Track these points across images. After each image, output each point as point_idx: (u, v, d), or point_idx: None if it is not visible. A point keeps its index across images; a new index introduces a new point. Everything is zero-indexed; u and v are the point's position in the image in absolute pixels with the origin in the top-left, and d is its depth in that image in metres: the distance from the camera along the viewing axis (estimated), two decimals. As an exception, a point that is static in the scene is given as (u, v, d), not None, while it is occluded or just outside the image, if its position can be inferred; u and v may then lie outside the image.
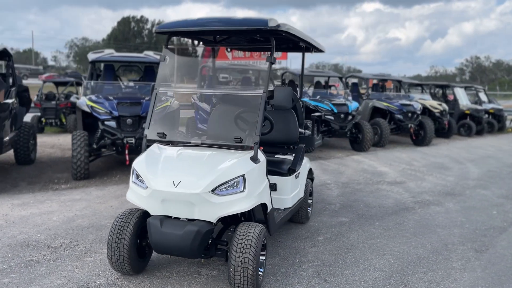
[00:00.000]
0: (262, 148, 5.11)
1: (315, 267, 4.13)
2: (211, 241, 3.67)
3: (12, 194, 6.30)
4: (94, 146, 7.51)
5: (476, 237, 5.16)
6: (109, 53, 8.69)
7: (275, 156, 5.03)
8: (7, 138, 7.42)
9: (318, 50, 5.68)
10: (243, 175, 3.51)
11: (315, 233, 5.05)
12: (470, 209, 6.31)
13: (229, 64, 11.66)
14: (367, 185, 7.56)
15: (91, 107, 7.43)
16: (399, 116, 12.94)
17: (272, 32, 3.87)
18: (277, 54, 27.83)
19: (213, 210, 3.48)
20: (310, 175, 5.58)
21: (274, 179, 4.56)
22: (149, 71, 9.36)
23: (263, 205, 3.81)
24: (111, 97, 7.69)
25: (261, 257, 3.68)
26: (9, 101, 7.54)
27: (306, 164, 5.27)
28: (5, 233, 4.73)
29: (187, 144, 3.89)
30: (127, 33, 76.69)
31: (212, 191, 3.44)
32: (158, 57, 9.06)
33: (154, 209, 3.63)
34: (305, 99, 11.53)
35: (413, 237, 5.04)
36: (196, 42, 5.07)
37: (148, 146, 3.95)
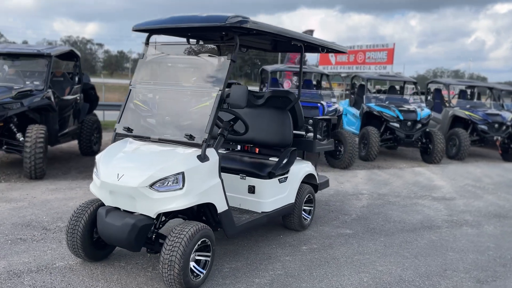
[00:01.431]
0: (257, 150, 5.05)
1: (274, 276, 3.92)
2: (155, 236, 3.71)
3: (55, 180, 6.97)
4: None
5: (491, 266, 4.45)
6: None
7: (269, 158, 4.88)
8: (67, 130, 8.25)
9: (331, 50, 5.39)
10: (183, 173, 3.48)
11: (303, 242, 4.79)
12: (509, 235, 5.45)
13: (286, 67, 11.49)
14: (405, 199, 6.94)
15: None
16: (483, 127, 11.61)
17: (236, 29, 3.78)
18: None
19: (151, 205, 3.51)
20: (312, 181, 5.30)
21: (253, 181, 4.44)
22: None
23: (213, 206, 3.73)
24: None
25: (204, 258, 3.62)
26: (70, 97, 8.37)
27: (302, 168, 5.02)
28: (19, 212, 5.27)
29: (147, 139, 3.96)
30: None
31: (151, 186, 3.47)
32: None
33: (106, 200, 3.79)
34: (371, 104, 10.96)
35: (411, 258, 4.51)
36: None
37: (117, 139, 4.11)
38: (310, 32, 23.95)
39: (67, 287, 3.54)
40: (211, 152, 3.71)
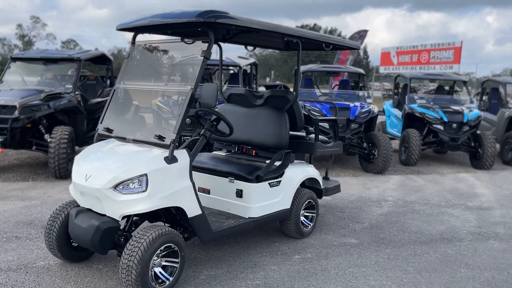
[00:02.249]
0: (254, 152, 4.83)
1: (250, 287, 3.68)
2: (125, 239, 3.61)
3: (78, 180, 7.15)
4: None
5: (506, 286, 3.89)
6: None
7: (266, 161, 4.64)
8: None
9: (340, 46, 5.04)
10: (146, 174, 3.35)
11: (298, 251, 4.48)
12: (543, 251, 4.78)
13: (319, 67, 11.03)
14: (433, 207, 6.36)
15: None
16: (544, 130, 10.49)
17: (209, 25, 3.60)
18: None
19: (116, 208, 3.41)
20: (315, 185, 4.98)
21: (240, 185, 4.23)
22: (233, 75, 9.59)
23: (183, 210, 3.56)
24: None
25: (171, 264, 3.46)
26: (100, 100, 8.60)
27: (301, 172, 4.72)
28: (28, 211, 5.43)
29: (126, 140, 3.88)
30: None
31: (115, 188, 3.37)
32: (240, 61, 9.22)
33: (80, 201, 3.76)
34: (413, 105, 10.30)
35: (414, 273, 4.07)
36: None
37: (100, 140, 4.08)
38: (364, 32, 23.10)
39: (35, 287, 3.53)
40: (181, 154, 3.55)
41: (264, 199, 4.28)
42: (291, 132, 5.00)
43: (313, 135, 4.94)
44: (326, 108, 8.69)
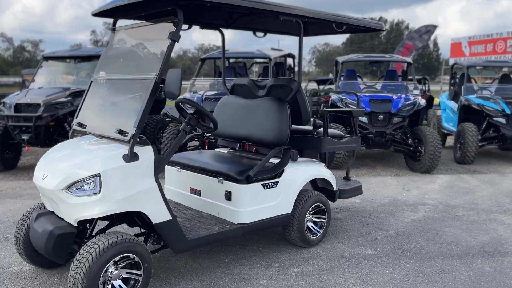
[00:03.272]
0: (254, 149, 4.31)
1: (227, 305, 3.16)
2: (78, 247, 3.23)
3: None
4: None
5: (554, 319, 3.05)
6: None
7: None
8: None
9: (356, 28, 4.34)
10: (99, 174, 2.94)
11: (299, 262, 3.89)
12: None
13: (361, 56, 10.12)
14: (480, 213, 5.44)
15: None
16: None
17: (176, 2, 3.12)
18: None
19: (70, 211, 3.04)
20: (328, 186, 4.36)
21: (229, 186, 3.72)
22: (266, 68, 9.05)
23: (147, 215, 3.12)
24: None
25: (134, 276, 3.04)
26: (128, 97, 8.43)
27: (305, 171, 4.11)
28: (32, 211, 5.27)
29: (98, 136, 3.52)
30: (364, 35, 76.73)
31: (68, 189, 3.00)
32: (271, 52, 8.69)
33: (45, 204, 3.44)
34: (471, 96, 9.19)
35: (433, 296, 3.33)
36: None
37: (75, 136, 3.75)
38: (433, 27, 21.45)
39: (-6, 296, 3.26)
40: (144, 151, 3.11)
41: (256, 203, 3.74)
42: (295, 126, 4.42)
43: (321, 129, 4.31)
44: (364, 101, 7.91)
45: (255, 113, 4.22)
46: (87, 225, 3.31)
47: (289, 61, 10.09)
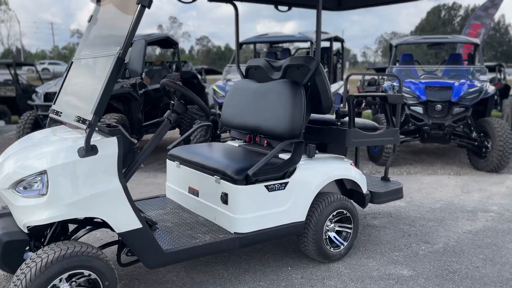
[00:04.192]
0: (266, 142, 3.64)
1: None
2: None
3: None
4: None
5: None
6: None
7: (279, 155, 3.40)
8: (157, 120, 7.92)
9: None
10: (45, 172, 2.40)
11: (312, 282, 3.15)
12: None
13: (416, 39, 8.89)
14: (559, 224, 4.36)
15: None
16: None
17: None
18: None
19: (19, 215, 2.54)
20: (358, 188, 3.58)
21: (226, 186, 3.07)
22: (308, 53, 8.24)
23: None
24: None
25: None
26: (158, 86, 7.99)
27: (325, 170, 3.35)
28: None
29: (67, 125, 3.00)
30: (436, 22, 72.40)
31: (14, 188, 2.50)
32: (314, 35, 7.87)
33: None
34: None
35: None
36: None
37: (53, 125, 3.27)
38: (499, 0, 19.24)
39: (-51, 307, 2.86)
40: (105, 143, 2.53)
41: (257, 208, 3.05)
42: (315, 116, 3.67)
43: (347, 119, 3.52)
44: (419, 88, 6.89)
45: (266, 99, 3.53)
46: (48, 230, 2.80)
47: (337, 45, 9.20)
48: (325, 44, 8.52)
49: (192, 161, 3.49)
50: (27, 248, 2.71)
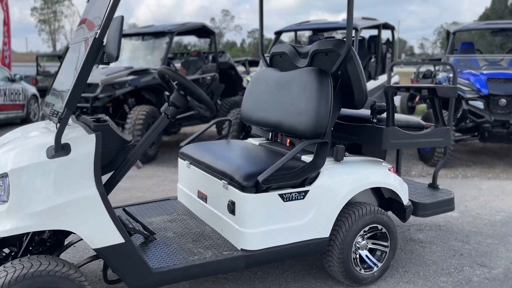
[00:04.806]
0: (288, 141, 3.14)
1: None
2: None
3: (153, 166, 6.33)
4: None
5: None
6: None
7: (301, 157, 2.88)
8: (191, 112, 7.57)
9: None
10: (6, 175, 2.03)
11: (334, 312, 2.61)
12: None
13: (478, 24, 7.85)
14: None
15: None
16: None
17: None
18: None
19: (-15, 223, 2.19)
20: (398, 197, 2.99)
21: (233, 194, 2.59)
22: (360, 42, 7.55)
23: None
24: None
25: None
26: (194, 77, 7.62)
27: (355, 177, 2.78)
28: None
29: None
30: (502, 11, 67.81)
31: (-21, 192, 2.15)
32: (359, 22, 7.17)
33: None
34: None
35: None
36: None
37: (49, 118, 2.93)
38: None
39: None
40: (82, 141, 2.12)
41: (269, 221, 2.54)
42: (346, 111, 3.11)
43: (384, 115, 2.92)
44: (480, 80, 6.07)
45: (287, 91, 3.00)
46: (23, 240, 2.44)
47: (386, 34, 8.43)
48: (374, 32, 7.79)
49: (201, 162, 3.03)
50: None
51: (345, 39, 2.84)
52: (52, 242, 2.54)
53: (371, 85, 6.83)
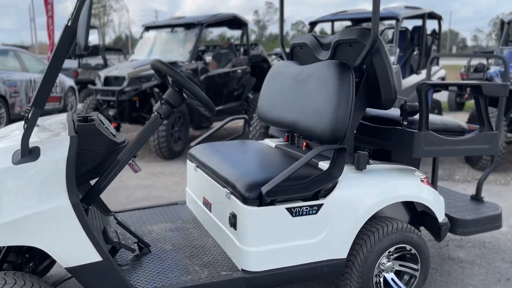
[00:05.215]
0: (305, 144, 2.78)
1: None
2: None
3: (173, 163, 6.11)
4: None
5: None
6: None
7: (319, 164, 2.51)
8: (220, 107, 7.30)
9: None
10: (-35, 182, 1.79)
11: None
12: None
13: None
14: None
15: None
16: None
17: None
18: None
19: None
20: (433, 213, 2.56)
21: (235, 205, 2.26)
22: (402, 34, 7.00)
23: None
24: None
25: None
26: (225, 70, 7.32)
27: (378, 189, 2.37)
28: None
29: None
30: None
31: None
32: (401, 11, 6.61)
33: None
34: None
35: None
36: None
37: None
38: None
39: None
40: (53, 145, 1.86)
41: (275, 239, 2.20)
42: (372, 111, 2.70)
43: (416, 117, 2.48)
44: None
45: (305, 87, 2.62)
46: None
47: (433, 25, 7.78)
48: (417, 22, 7.20)
49: (207, 165, 2.72)
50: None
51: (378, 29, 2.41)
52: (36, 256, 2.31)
53: (412, 80, 6.29)
